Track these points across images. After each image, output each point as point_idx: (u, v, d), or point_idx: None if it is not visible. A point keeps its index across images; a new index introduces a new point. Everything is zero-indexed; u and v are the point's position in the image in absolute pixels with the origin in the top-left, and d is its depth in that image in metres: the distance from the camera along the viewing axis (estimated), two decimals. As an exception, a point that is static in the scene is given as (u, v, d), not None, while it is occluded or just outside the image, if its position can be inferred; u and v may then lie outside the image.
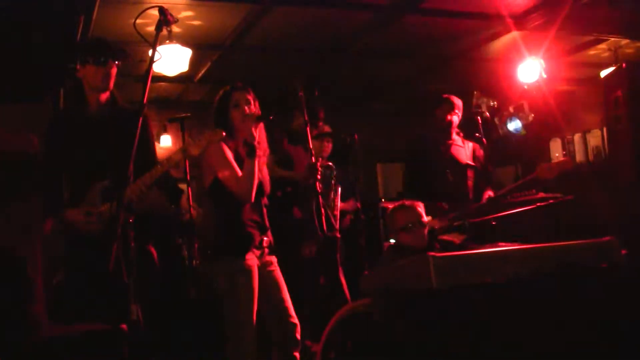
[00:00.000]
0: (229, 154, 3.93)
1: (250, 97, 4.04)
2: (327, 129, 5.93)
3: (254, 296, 3.85)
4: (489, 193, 5.49)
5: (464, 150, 5.67)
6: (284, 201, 5.61)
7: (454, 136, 5.67)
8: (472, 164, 5.62)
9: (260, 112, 4.01)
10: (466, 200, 5.45)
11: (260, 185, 4.01)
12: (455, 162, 5.57)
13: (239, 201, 3.90)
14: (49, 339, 3.48)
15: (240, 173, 3.87)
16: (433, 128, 5.70)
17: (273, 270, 4.06)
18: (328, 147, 5.91)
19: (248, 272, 3.86)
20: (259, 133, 3.97)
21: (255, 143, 3.87)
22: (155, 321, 3.91)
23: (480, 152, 5.69)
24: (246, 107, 3.99)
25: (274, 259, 4.10)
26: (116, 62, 3.70)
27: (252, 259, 3.89)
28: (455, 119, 5.62)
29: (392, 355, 3.11)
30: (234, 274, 3.85)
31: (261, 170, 4.02)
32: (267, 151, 4.13)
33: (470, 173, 5.59)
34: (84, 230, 3.55)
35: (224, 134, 3.71)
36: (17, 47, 5.14)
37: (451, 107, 5.61)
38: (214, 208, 4.07)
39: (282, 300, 4.03)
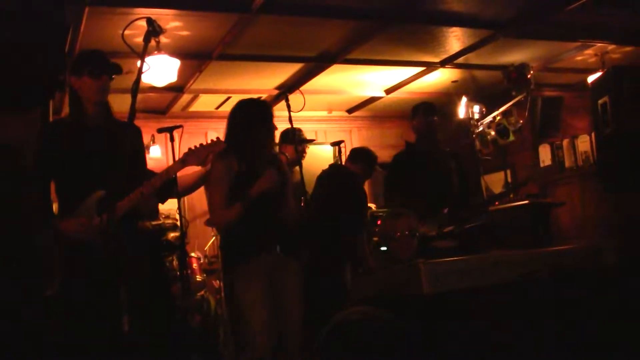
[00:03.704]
0: (228, 176, 3.99)
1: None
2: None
3: (263, 302, 3.89)
4: (474, 199, 5.53)
5: (449, 156, 5.70)
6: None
7: (439, 142, 5.70)
8: (457, 170, 5.64)
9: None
10: (452, 207, 5.47)
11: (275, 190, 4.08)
12: (441, 168, 5.59)
13: (252, 206, 3.94)
14: (44, 348, 3.47)
15: (222, 201, 3.95)
16: (416, 136, 5.72)
17: (290, 279, 4.10)
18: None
19: (253, 278, 3.90)
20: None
21: (255, 195, 3.93)
22: (146, 330, 3.90)
23: (466, 159, 5.72)
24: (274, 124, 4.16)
25: (292, 265, 4.13)
26: (111, 77, 3.71)
27: (260, 265, 3.93)
28: (434, 122, 5.65)
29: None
30: (241, 280, 3.92)
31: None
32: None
33: (455, 179, 5.61)
34: (77, 240, 3.52)
35: (224, 145, 3.75)
36: (3, 58, 5.12)
37: (426, 113, 5.64)
38: None
39: (293, 312, 4.07)
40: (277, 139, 5.17)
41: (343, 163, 6.31)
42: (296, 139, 5.44)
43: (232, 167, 4.02)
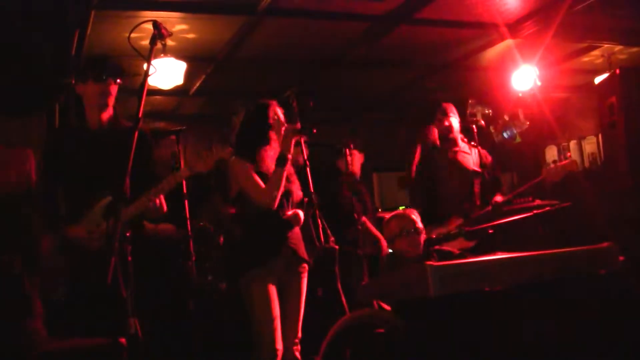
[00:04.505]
0: (251, 168, 4.08)
1: (282, 113, 4.25)
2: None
3: (272, 305, 3.93)
4: (498, 199, 5.50)
5: (470, 156, 5.68)
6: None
7: (460, 143, 5.68)
8: (479, 170, 5.62)
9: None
10: (473, 207, 5.47)
11: (287, 194, 4.17)
12: (462, 168, 5.58)
13: (262, 210, 4.03)
14: (47, 354, 3.47)
15: (263, 185, 4.03)
16: (438, 137, 5.72)
17: (295, 279, 4.17)
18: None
19: (266, 281, 3.97)
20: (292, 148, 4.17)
21: (289, 155, 4.05)
22: (154, 334, 3.90)
23: (489, 159, 5.70)
24: (283, 121, 4.21)
25: (301, 266, 4.20)
26: (116, 81, 3.70)
27: (270, 267, 3.98)
28: (455, 122, 5.64)
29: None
30: (252, 283, 3.97)
31: (292, 180, 4.26)
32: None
33: (476, 179, 5.60)
34: (86, 247, 3.53)
35: (230, 150, 3.81)
36: (12, 62, 5.14)
37: (445, 112, 5.64)
38: (237, 218, 4.25)
39: (293, 313, 4.13)
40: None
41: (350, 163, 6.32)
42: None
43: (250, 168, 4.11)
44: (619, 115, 5.80)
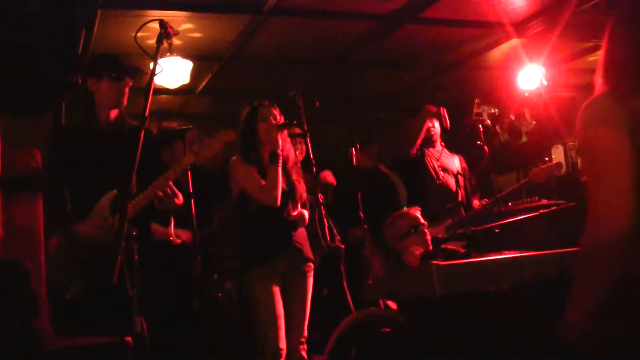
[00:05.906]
0: (251, 167, 4.17)
1: (276, 112, 4.31)
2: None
3: (275, 305, 3.95)
4: (476, 202, 5.56)
5: (452, 160, 5.74)
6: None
7: (438, 146, 5.74)
8: (462, 173, 5.68)
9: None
10: (459, 208, 5.50)
11: (290, 192, 4.24)
12: (447, 170, 5.62)
13: (265, 209, 4.09)
14: (53, 352, 3.48)
15: (263, 182, 4.09)
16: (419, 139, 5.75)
17: (301, 279, 4.20)
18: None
19: (269, 280, 4.00)
20: (286, 145, 4.28)
21: (279, 151, 4.11)
22: (159, 333, 3.91)
23: (465, 165, 5.78)
24: (272, 120, 4.23)
25: (307, 265, 4.19)
26: (132, 80, 3.72)
27: (275, 267, 4.00)
28: (437, 124, 5.70)
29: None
30: (256, 282, 4.00)
31: (298, 179, 4.35)
32: (298, 163, 4.33)
33: (462, 181, 5.65)
34: (97, 243, 3.52)
35: (233, 134, 3.85)
36: (18, 60, 5.15)
37: (429, 115, 5.68)
38: (240, 218, 4.30)
39: (299, 312, 4.11)
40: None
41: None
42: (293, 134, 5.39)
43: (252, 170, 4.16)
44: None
